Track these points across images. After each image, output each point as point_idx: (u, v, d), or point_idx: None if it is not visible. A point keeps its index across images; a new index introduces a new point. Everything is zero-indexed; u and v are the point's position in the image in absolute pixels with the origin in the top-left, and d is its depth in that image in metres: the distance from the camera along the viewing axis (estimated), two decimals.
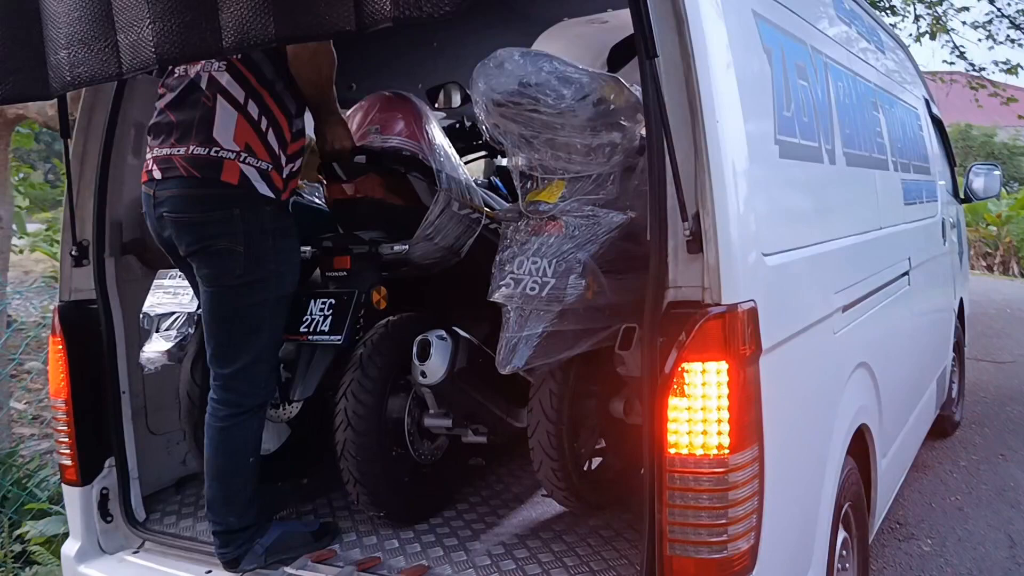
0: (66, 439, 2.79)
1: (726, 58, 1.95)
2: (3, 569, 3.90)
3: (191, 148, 2.37)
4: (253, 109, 2.40)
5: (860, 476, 2.98)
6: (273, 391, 2.63)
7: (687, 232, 1.85)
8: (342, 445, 2.60)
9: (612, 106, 2.17)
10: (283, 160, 2.45)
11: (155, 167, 2.44)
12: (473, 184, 2.92)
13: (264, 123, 2.41)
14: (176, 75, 2.50)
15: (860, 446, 2.99)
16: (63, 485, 2.87)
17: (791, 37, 2.52)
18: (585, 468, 2.62)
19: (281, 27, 1.76)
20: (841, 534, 2.81)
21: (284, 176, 2.45)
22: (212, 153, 2.36)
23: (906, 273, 3.60)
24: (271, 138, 2.42)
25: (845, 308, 2.65)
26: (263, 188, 2.39)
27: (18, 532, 4.08)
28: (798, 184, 2.41)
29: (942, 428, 5.34)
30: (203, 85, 2.42)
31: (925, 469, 4.95)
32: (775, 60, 2.32)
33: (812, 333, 2.33)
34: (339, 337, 2.61)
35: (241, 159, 2.36)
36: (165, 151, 2.42)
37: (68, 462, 2.80)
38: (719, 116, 1.86)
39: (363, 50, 3.79)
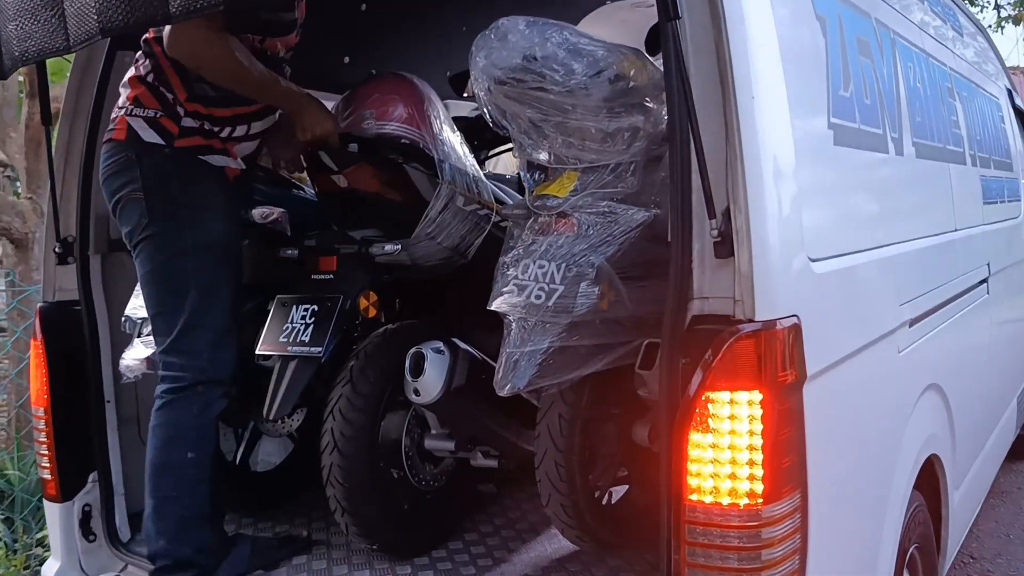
0: (46, 451, 2.58)
1: (766, 22, 1.62)
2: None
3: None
4: (144, 65, 2.32)
5: (929, 513, 2.61)
6: (225, 369, 2.31)
7: (715, 232, 1.52)
8: (328, 470, 2.31)
9: (632, 84, 1.85)
10: (180, 109, 2.27)
11: None
12: (482, 177, 2.62)
13: (151, 77, 2.30)
14: None
15: (929, 479, 2.62)
16: (44, 501, 2.67)
17: (851, 7, 2.16)
18: (604, 502, 2.29)
19: None
20: None
21: (181, 125, 2.26)
22: (113, 115, 2.34)
23: (984, 280, 3.19)
24: (162, 89, 2.29)
25: (913, 322, 2.28)
26: (149, 135, 2.25)
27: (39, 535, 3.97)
28: (858, 177, 2.05)
29: (1023, 450, 4.86)
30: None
31: (1003, 495, 4.50)
32: (831, 31, 1.97)
33: (872, 352, 1.97)
34: (319, 349, 2.33)
35: (129, 112, 2.28)
36: None
37: (48, 476, 2.59)
38: (755, 91, 1.53)
39: (386, 35, 3.54)
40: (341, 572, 2.38)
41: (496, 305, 1.92)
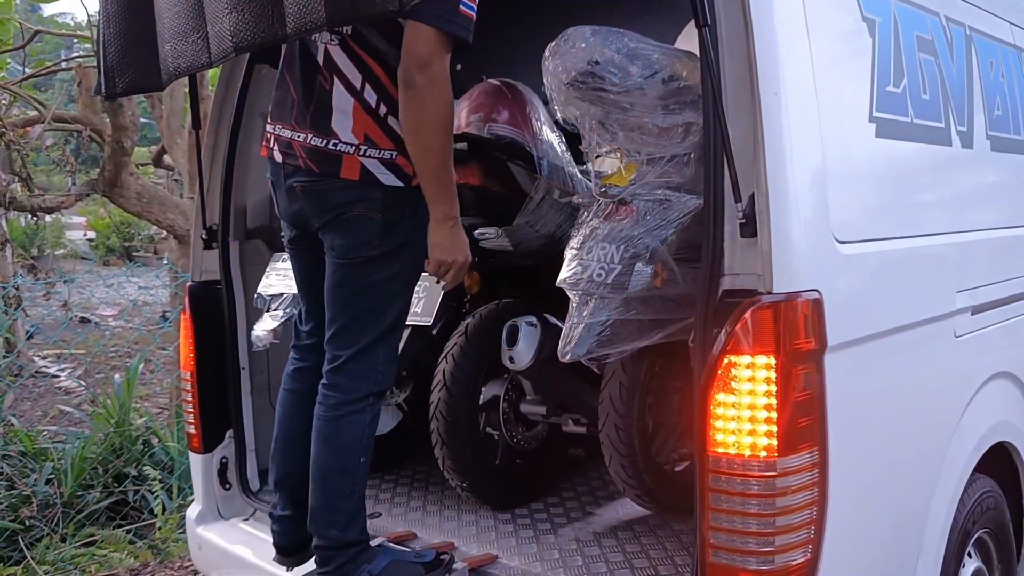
0: (191, 409, 3.00)
1: (796, 26, 1.79)
2: None
3: (309, 137, 2.20)
4: (370, 95, 2.17)
5: (1009, 501, 2.66)
6: (391, 380, 2.37)
7: (740, 214, 1.71)
8: (435, 405, 2.67)
9: (684, 83, 2.05)
10: None
11: (276, 148, 2.29)
12: (578, 173, 2.87)
13: (383, 109, 2.17)
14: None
15: (1006, 467, 2.67)
16: (189, 452, 3.10)
17: (913, 6, 2.27)
18: (668, 468, 2.48)
19: (331, 10, 1.82)
20: (973, 563, 2.52)
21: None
22: (330, 147, 2.17)
23: None
24: (392, 123, 2.16)
25: (976, 311, 2.36)
26: (388, 179, 2.17)
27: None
28: (905, 168, 2.17)
29: None
30: (320, 60, 2.22)
31: None
32: (881, 31, 2.10)
33: (915, 333, 2.09)
34: (429, 319, 2.70)
35: (361, 152, 2.16)
36: (287, 133, 2.25)
37: (192, 430, 3.01)
38: (779, 89, 1.71)
39: (495, 43, 3.80)
40: (433, 522, 2.68)
41: (562, 282, 2.16)
